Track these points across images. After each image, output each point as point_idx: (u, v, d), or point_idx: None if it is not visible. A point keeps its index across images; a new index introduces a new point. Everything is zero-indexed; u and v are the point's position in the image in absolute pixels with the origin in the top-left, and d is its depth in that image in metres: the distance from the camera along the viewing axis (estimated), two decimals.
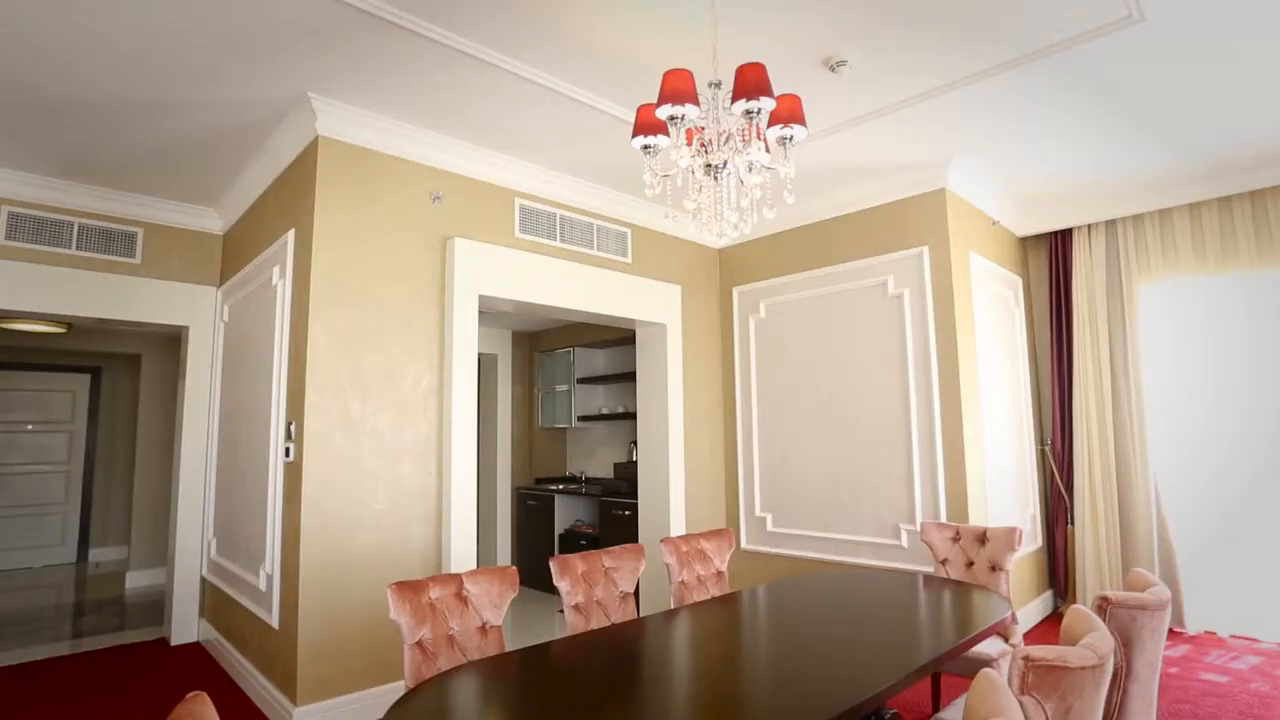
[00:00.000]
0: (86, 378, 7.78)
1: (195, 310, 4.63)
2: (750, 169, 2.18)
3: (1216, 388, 4.41)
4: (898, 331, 4.26)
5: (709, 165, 2.19)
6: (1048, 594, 4.90)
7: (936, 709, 3.17)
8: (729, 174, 2.20)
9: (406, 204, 3.60)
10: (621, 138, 3.68)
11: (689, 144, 2.21)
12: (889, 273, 4.32)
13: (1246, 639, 4.23)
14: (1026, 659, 1.34)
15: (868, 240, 4.45)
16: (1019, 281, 5.10)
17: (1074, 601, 4.73)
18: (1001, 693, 1.16)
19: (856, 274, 4.48)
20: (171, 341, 6.86)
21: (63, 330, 5.89)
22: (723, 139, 2.20)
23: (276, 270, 3.61)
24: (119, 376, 7.92)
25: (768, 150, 2.22)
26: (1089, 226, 4.84)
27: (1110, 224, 4.80)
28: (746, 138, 2.15)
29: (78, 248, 4.17)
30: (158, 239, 4.50)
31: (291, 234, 3.49)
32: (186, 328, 4.62)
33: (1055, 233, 5.01)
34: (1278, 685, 3.53)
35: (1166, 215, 4.56)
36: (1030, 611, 4.56)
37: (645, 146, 2.22)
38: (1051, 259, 5.03)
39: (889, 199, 4.35)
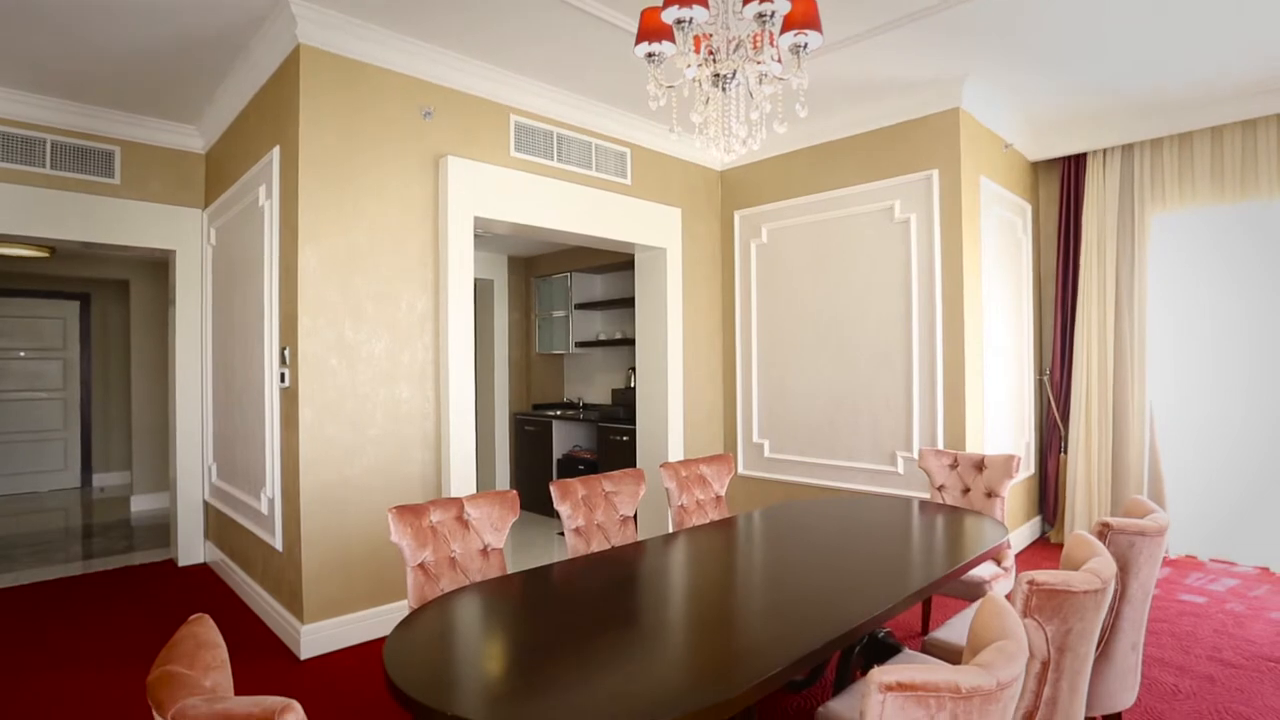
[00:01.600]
0: (75, 304, 7.66)
1: (181, 234, 4.49)
2: (761, 80, 2.05)
3: (1219, 321, 4.40)
4: (903, 258, 4.16)
5: (717, 75, 2.06)
6: (1036, 519, 5.01)
7: (926, 629, 3.27)
8: (738, 85, 2.07)
9: (396, 120, 3.43)
10: (623, 49, 3.46)
11: (696, 52, 2.07)
12: (896, 197, 4.19)
13: (1225, 563, 4.36)
14: (1031, 583, 1.34)
15: (876, 162, 4.29)
16: (1028, 208, 4.97)
17: (1061, 527, 4.84)
18: (1008, 615, 1.16)
19: (862, 198, 4.35)
20: (159, 267, 6.72)
21: (45, 255, 5.73)
22: (732, 46, 2.06)
23: (262, 190, 3.47)
24: (109, 303, 7.80)
25: (779, 60, 2.08)
26: (1104, 151, 4.68)
27: (1127, 149, 4.63)
28: (758, 45, 2.01)
29: (52, 167, 3.99)
30: (136, 158, 4.31)
31: (276, 152, 3.34)
32: (173, 252, 4.49)
33: (1069, 158, 4.84)
34: (1252, 605, 3.65)
35: (1186, 140, 4.39)
36: (1019, 536, 4.68)
37: (649, 54, 2.07)
38: (1063, 185, 4.89)
39: (900, 119, 4.16)
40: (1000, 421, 4.42)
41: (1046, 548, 4.76)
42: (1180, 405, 4.53)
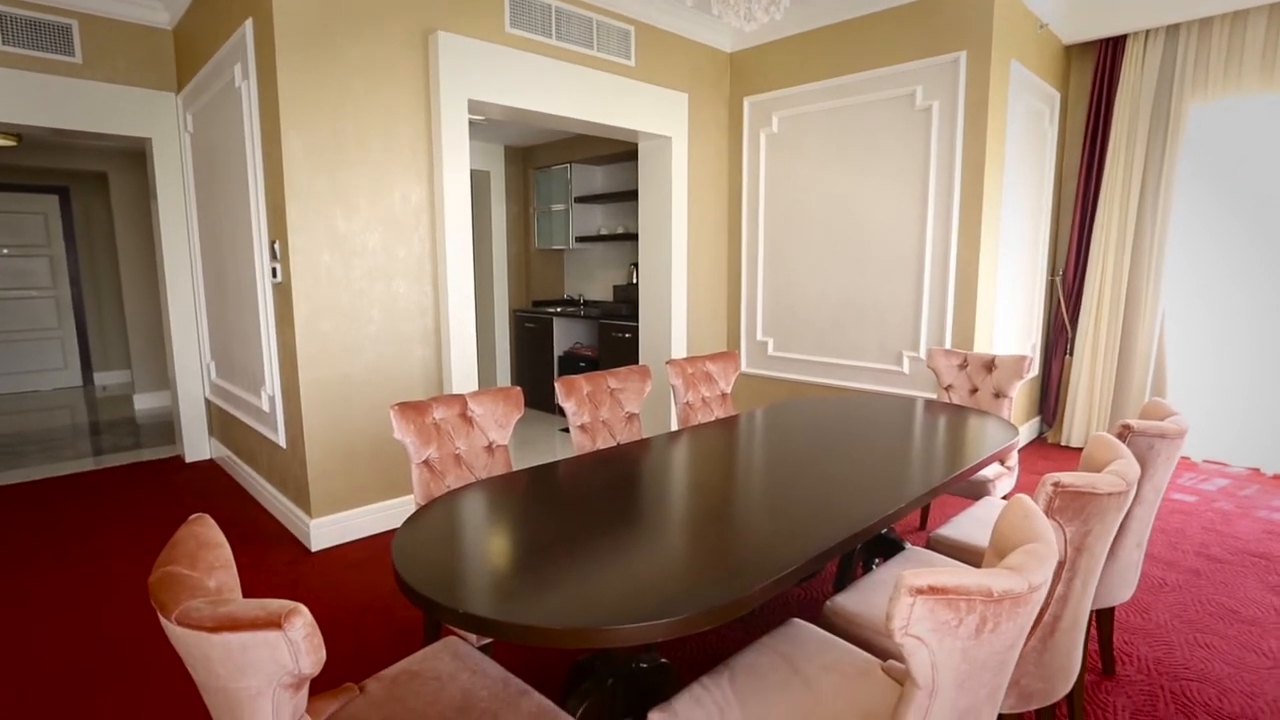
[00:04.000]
0: (54, 198, 7.36)
1: (155, 120, 4.20)
2: None
3: (1245, 221, 4.24)
4: (921, 149, 3.94)
5: None
6: (1035, 420, 5.05)
7: (924, 525, 3.34)
8: None
9: None
10: None
11: None
12: (918, 82, 3.90)
13: (1218, 463, 4.43)
14: (1057, 485, 1.30)
15: (898, 44, 3.97)
16: (1056, 97, 4.66)
17: (1060, 428, 4.88)
18: (1037, 518, 1.12)
19: (882, 83, 4.06)
20: (137, 157, 6.40)
21: (13, 143, 5.43)
22: None
23: (238, 70, 3.21)
24: (89, 197, 7.50)
25: None
26: (1147, 33, 4.33)
27: (1172, 30, 4.28)
28: None
29: (4, 42, 3.68)
30: (97, 33, 3.96)
31: (249, 25, 3.05)
32: (149, 140, 4.23)
33: (1106, 40, 4.49)
34: (1241, 504, 3.73)
35: (1240, 18, 4.04)
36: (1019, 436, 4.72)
37: None
38: (1097, 72, 4.55)
39: None
40: (1009, 322, 4.35)
41: (1044, 448, 4.82)
42: (1189, 307, 4.46)
